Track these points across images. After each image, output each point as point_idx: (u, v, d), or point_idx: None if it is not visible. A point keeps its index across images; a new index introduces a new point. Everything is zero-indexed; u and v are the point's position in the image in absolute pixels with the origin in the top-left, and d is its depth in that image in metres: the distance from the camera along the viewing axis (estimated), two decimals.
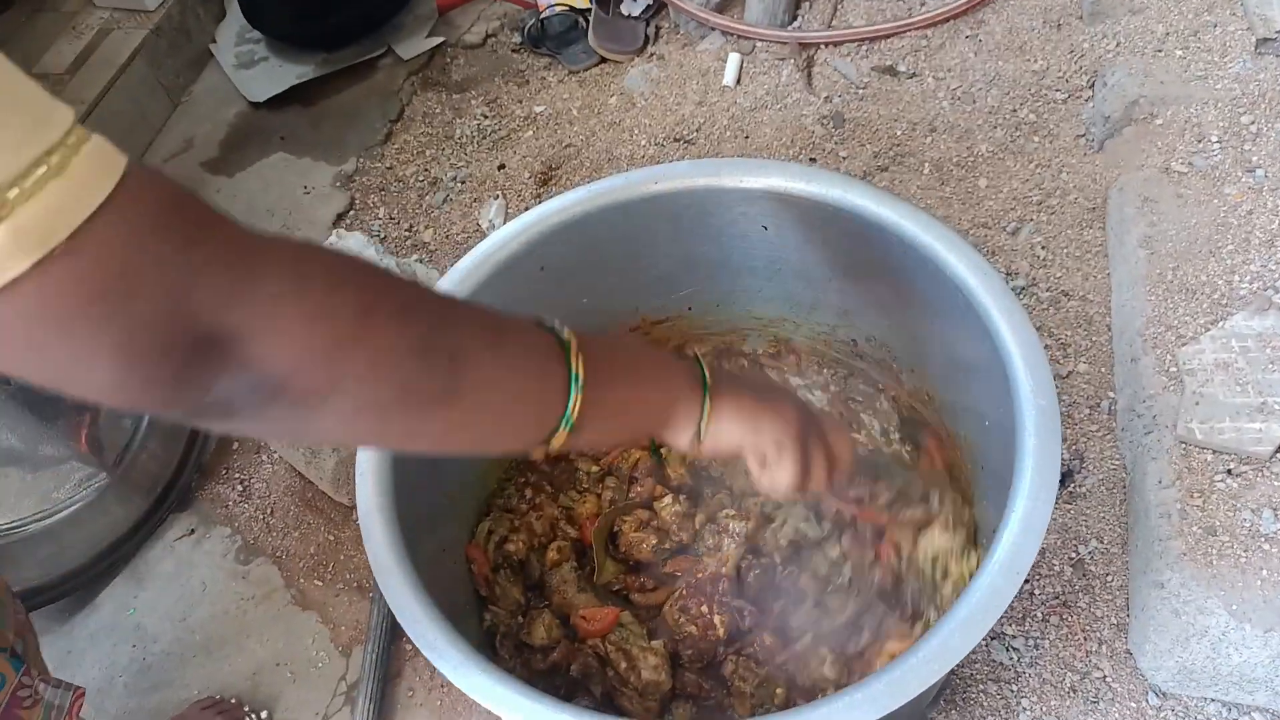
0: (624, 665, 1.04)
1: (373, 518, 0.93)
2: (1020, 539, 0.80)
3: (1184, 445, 1.27)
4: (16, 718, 1.02)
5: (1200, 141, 1.57)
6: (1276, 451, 1.23)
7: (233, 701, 1.43)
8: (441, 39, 2.47)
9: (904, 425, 1.25)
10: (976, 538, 1.04)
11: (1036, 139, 1.80)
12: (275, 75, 2.46)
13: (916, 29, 2.01)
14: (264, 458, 1.75)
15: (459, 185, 2.14)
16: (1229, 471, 1.23)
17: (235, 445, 1.78)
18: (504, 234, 1.11)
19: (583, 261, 1.18)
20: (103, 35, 2.41)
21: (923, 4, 2.07)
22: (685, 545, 1.16)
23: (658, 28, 2.28)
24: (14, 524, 1.54)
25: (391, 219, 2.12)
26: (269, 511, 1.68)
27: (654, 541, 1.14)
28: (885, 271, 1.08)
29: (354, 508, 1.63)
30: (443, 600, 0.90)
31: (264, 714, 1.44)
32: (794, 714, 0.74)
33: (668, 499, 1.18)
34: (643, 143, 2.07)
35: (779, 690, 1.02)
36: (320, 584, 1.58)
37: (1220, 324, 1.35)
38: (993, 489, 0.99)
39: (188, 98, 2.53)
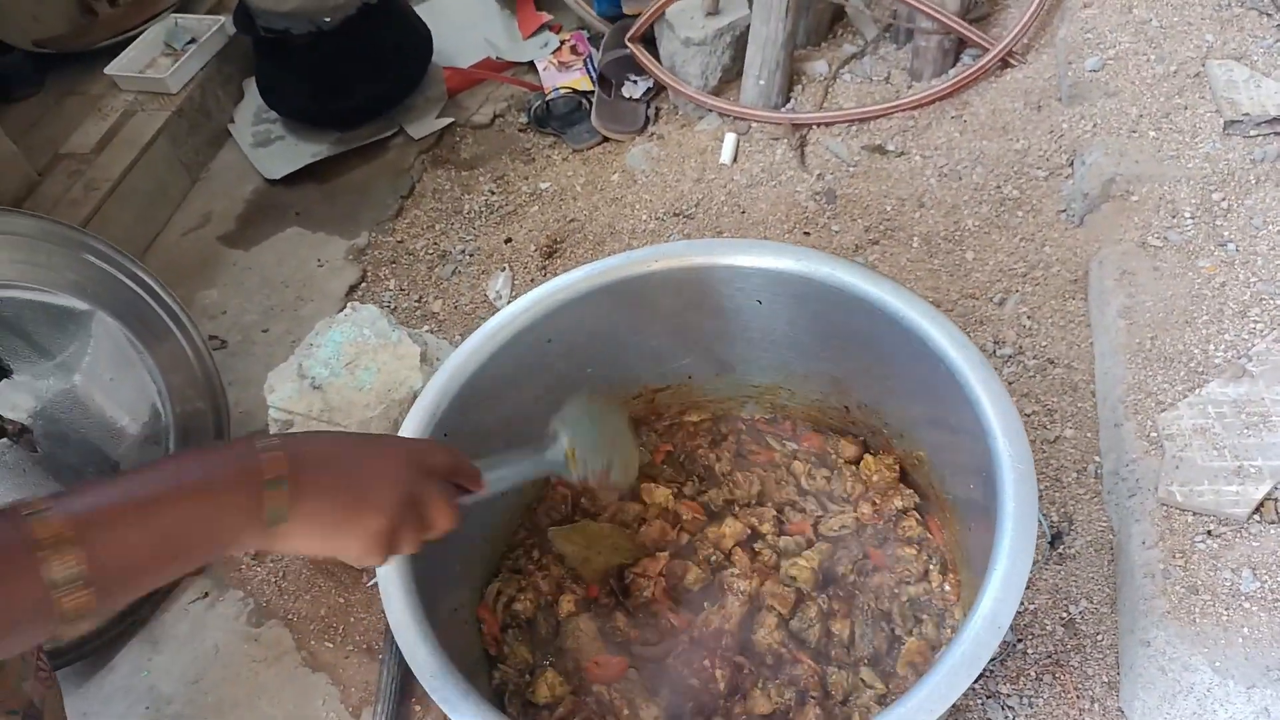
0: (626, 713, 1.08)
1: (391, 580, 0.98)
2: (1001, 594, 0.85)
3: (1165, 508, 1.32)
4: None
5: (1174, 217, 1.65)
6: (1253, 513, 1.28)
7: None
8: (451, 119, 2.58)
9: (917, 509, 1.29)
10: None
11: (1020, 214, 1.89)
12: (291, 153, 2.57)
13: (904, 110, 2.11)
14: None
15: (467, 258, 2.23)
16: (1209, 533, 1.28)
17: None
18: (513, 309, 1.19)
19: (588, 334, 1.25)
20: (127, 116, 2.53)
21: (910, 87, 2.19)
22: (691, 598, 1.21)
23: (657, 109, 2.40)
24: None
25: (402, 290, 2.20)
26: (281, 575, 1.72)
27: (661, 589, 1.19)
28: (872, 343, 1.15)
29: (364, 572, 1.68)
30: (455, 660, 0.95)
31: None
32: None
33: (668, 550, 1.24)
34: (644, 217, 2.17)
35: None
36: (331, 646, 1.61)
37: (1197, 391, 1.41)
38: (978, 548, 1.04)
39: (206, 174, 2.63)
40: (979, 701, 1.37)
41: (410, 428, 1.10)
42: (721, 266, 1.19)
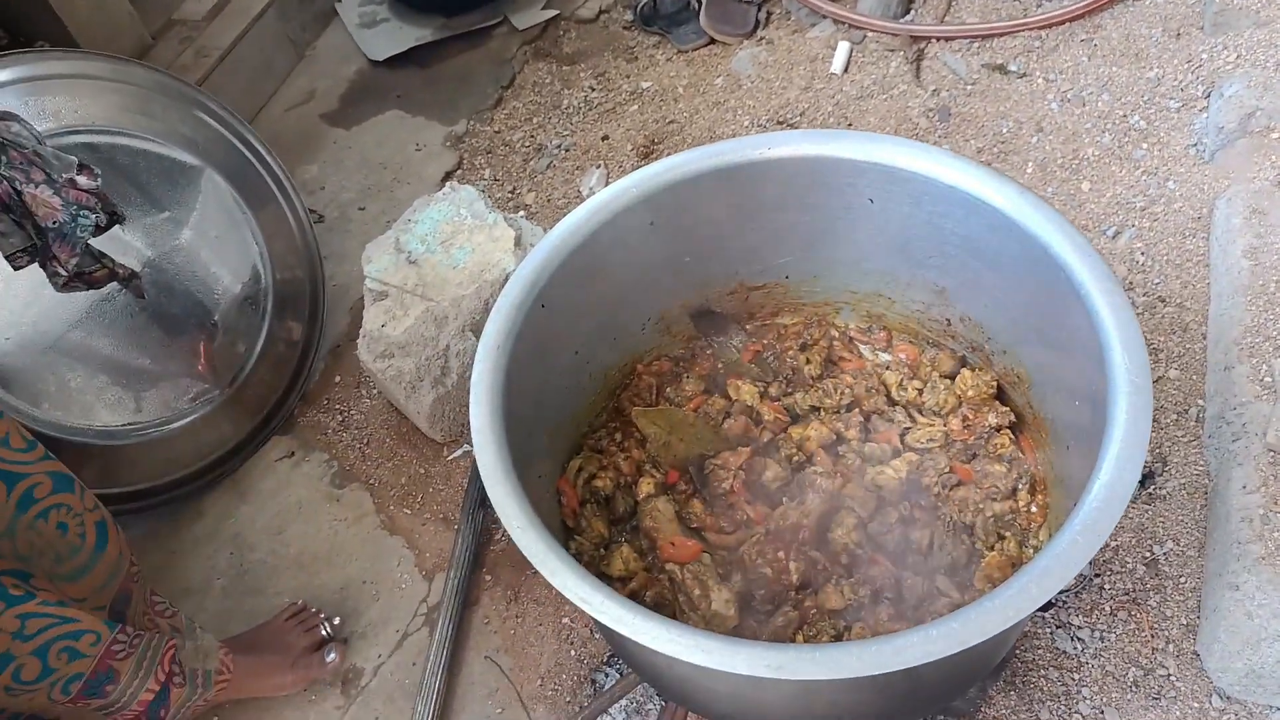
0: (696, 592, 1.09)
1: (485, 436, 0.99)
2: (1106, 500, 0.82)
3: (1272, 453, 1.27)
4: (110, 667, 1.13)
5: None
6: None
7: (314, 611, 1.52)
8: (556, 12, 2.54)
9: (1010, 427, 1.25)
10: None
11: (1145, 146, 1.79)
12: (395, 36, 2.57)
13: (1031, 29, 2.01)
14: (363, 392, 1.85)
15: (563, 153, 2.21)
16: None
17: (338, 378, 1.88)
18: (620, 186, 1.17)
19: (691, 220, 1.24)
20: None
21: (1039, 5, 2.07)
22: (769, 494, 1.21)
23: (769, 13, 2.32)
24: (134, 428, 1.65)
25: (496, 180, 2.20)
26: (365, 442, 1.78)
27: (740, 482, 1.19)
28: (988, 251, 1.11)
29: (445, 445, 1.72)
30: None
31: (336, 621, 1.52)
32: (868, 643, 0.78)
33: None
34: (745, 123, 2.12)
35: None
36: (409, 512, 1.66)
37: None
38: (1078, 467, 1.01)
39: (312, 52, 2.65)
40: (1048, 630, 1.35)
41: (509, 298, 1.11)
42: (836, 159, 1.16)
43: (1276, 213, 1.50)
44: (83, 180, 1.26)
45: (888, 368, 1.33)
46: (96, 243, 1.50)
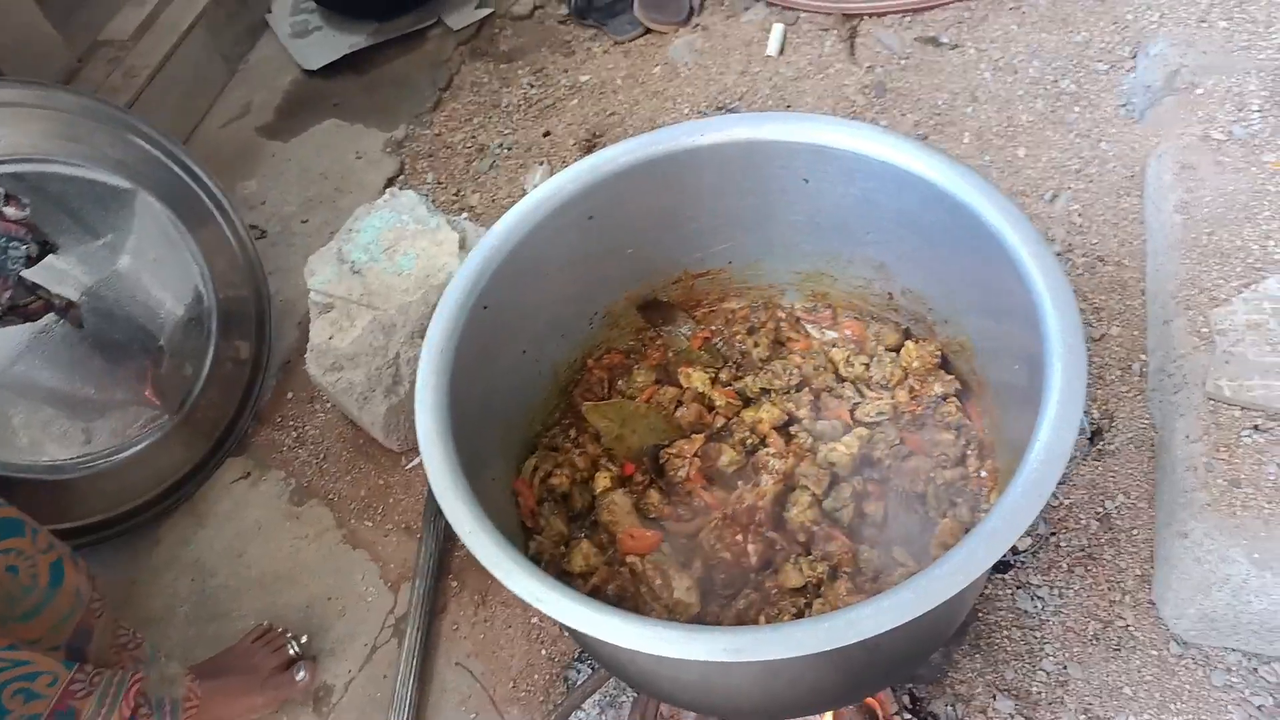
0: (658, 582, 1.09)
1: (432, 441, 0.99)
2: (1045, 461, 0.84)
3: (1212, 402, 1.30)
4: (70, 706, 1.11)
5: (1241, 110, 1.59)
6: None
7: (280, 631, 1.51)
8: (490, 10, 2.53)
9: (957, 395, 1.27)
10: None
11: (1077, 109, 1.82)
12: (329, 44, 2.54)
13: (960, 1, 2.03)
14: (317, 406, 1.83)
15: (505, 152, 2.20)
16: (1255, 427, 1.26)
17: (290, 394, 1.87)
18: (556, 182, 1.17)
19: (630, 212, 1.23)
20: (165, 4, 2.50)
21: None
22: (725, 479, 1.22)
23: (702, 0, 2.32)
24: (84, 460, 1.62)
25: (439, 184, 2.19)
26: (321, 457, 1.76)
27: (696, 469, 1.20)
28: (922, 224, 1.12)
29: (403, 454, 1.71)
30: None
31: (304, 639, 1.51)
32: (822, 619, 0.79)
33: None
34: (685, 111, 2.12)
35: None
36: (370, 525, 1.65)
37: (1254, 286, 1.37)
38: (1021, 429, 1.02)
39: (245, 65, 2.61)
40: (1009, 591, 1.38)
41: (450, 301, 1.10)
42: (769, 141, 1.16)
43: (1205, 167, 1.53)
44: (10, 211, 1.24)
45: (834, 345, 1.34)
46: (30, 274, 1.48)
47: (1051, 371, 0.90)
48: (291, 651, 1.47)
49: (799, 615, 1.10)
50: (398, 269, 1.64)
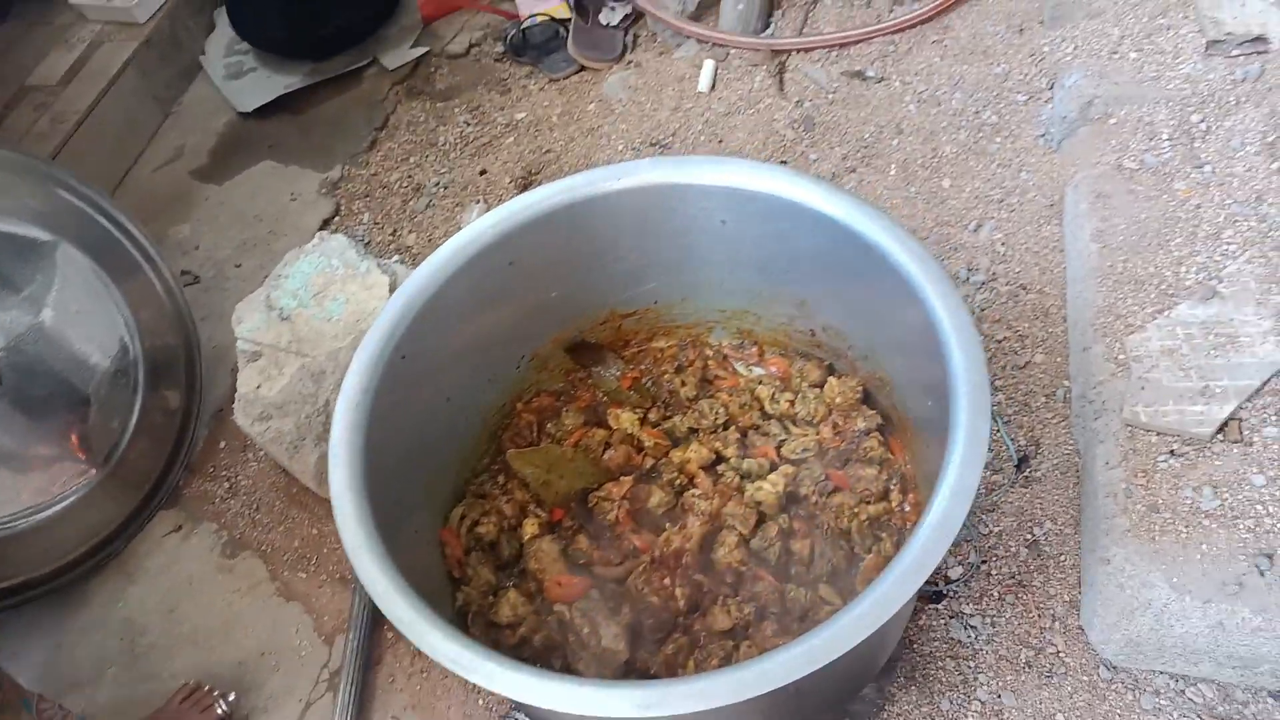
0: (586, 630, 1.09)
1: (344, 498, 0.98)
2: (951, 503, 0.85)
3: (1130, 428, 1.32)
4: None
5: (1152, 139, 1.63)
6: (1217, 433, 1.28)
7: (208, 689, 1.47)
8: (426, 49, 2.53)
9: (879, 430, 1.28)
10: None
11: (999, 139, 1.86)
12: (263, 85, 2.52)
13: (884, 35, 2.07)
14: (249, 456, 1.80)
15: (442, 190, 2.20)
16: (1172, 452, 1.28)
17: (222, 443, 1.83)
18: (475, 229, 1.17)
19: (551, 256, 1.24)
20: (94, 48, 2.47)
21: (891, 11, 2.13)
22: (655, 520, 1.22)
23: (635, 36, 2.35)
24: (6, 520, 1.58)
25: (376, 224, 2.17)
26: (254, 507, 1.73)
27: (625, 511, 1.20)
28: (836, 262, 1.14)
29: None
30: (416, 582, 0.95)
31: (231, 697, 1.47)
32: (733, 670, 0.79)
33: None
34: (620, 148, 2.13)
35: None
36: (304, 576, 1.62)
37: (1166, 313, 1.40)
38: (938, 463, 1.04)
39: (178, 108, 2.58)
40: (942, 621, 1.38)
41: (367, 349, 1.09)
42: (686, 185, 1.17)
43: (1119, 196, 1.57)
44: None
45: (760, 382, 1.35)
46: None
47: (958, 410, 0.91)
48: (219, 711, 1.43)
49: (727, 658, 1.10)
50: (327, 314, 1.63)
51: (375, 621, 1.52)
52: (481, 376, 1.30)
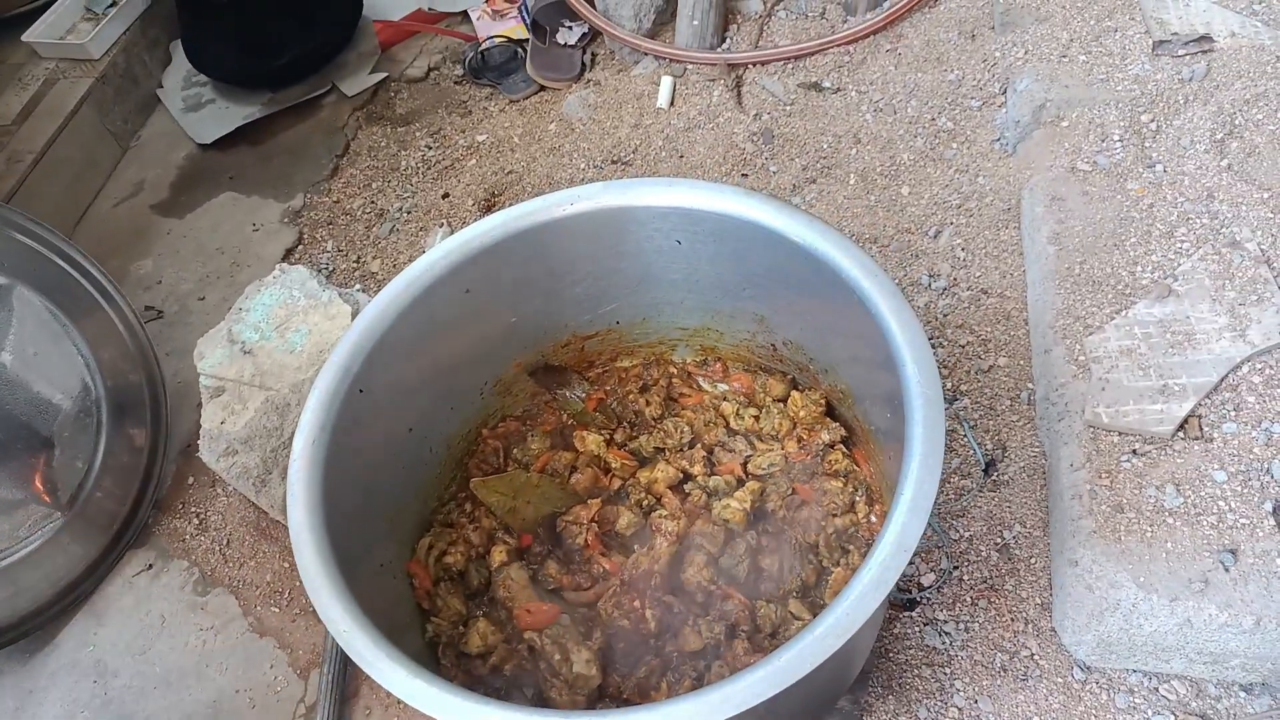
0: (557, 658, 1.08)
1: (303, 535, 0.97)
2: (909, 517, 0.85)
3: (1092, 429, 1.33)
4: None
5: (1104, 141, 1.65)
6: (1177, 431, 1.29)
7: None
8: (385, 74, 2.53)
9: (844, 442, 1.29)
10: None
11: (955, 145, 1.88)
12: (222, 117, 2.51)
13: (839, 45, 2.09)
14: (219, 490, 1.78)
15: (405, 215, 2.19)
16: (1134, 452, 1.29)
17: (191, 479, 1.81)
18: (427, 260, 1.16)
19: (507, 282, 1.23)
20: (49, 85, 2.45)
21: (844, 21, 2.16)
22: (624, 542, 1.21)
23: (593, 55, 2.35)
24: None
25: (340, 251, 2.16)
26: (225, 543, 1.71)
27: (594, 534, 1.19)
28: (790, 278, 1.14)
29: None
30: (383, 616, 0.94)
31: None
32: (697, 695, 0.79)
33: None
34: (581, 166, 2.13)
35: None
36: (277, 610, 1.61)
37: (1124, 313, 1.42)
38: (896, 476, 1.04)
39: (136, 142, 2.57)
40: (916, 629, 1.39)
41: (323, 386, 1.08)
42: (638, 207, 1.17)
43: (1073, 198, 1.59)
44: None
45: (725, 398, 1.35)
46: None
47: (913, 423, 0.92)
48: None
49: (699, 679, 1.09)
50: (290, 346, 1.61)
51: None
52: (444, 405, 1.30)
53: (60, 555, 1.66)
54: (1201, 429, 1.29)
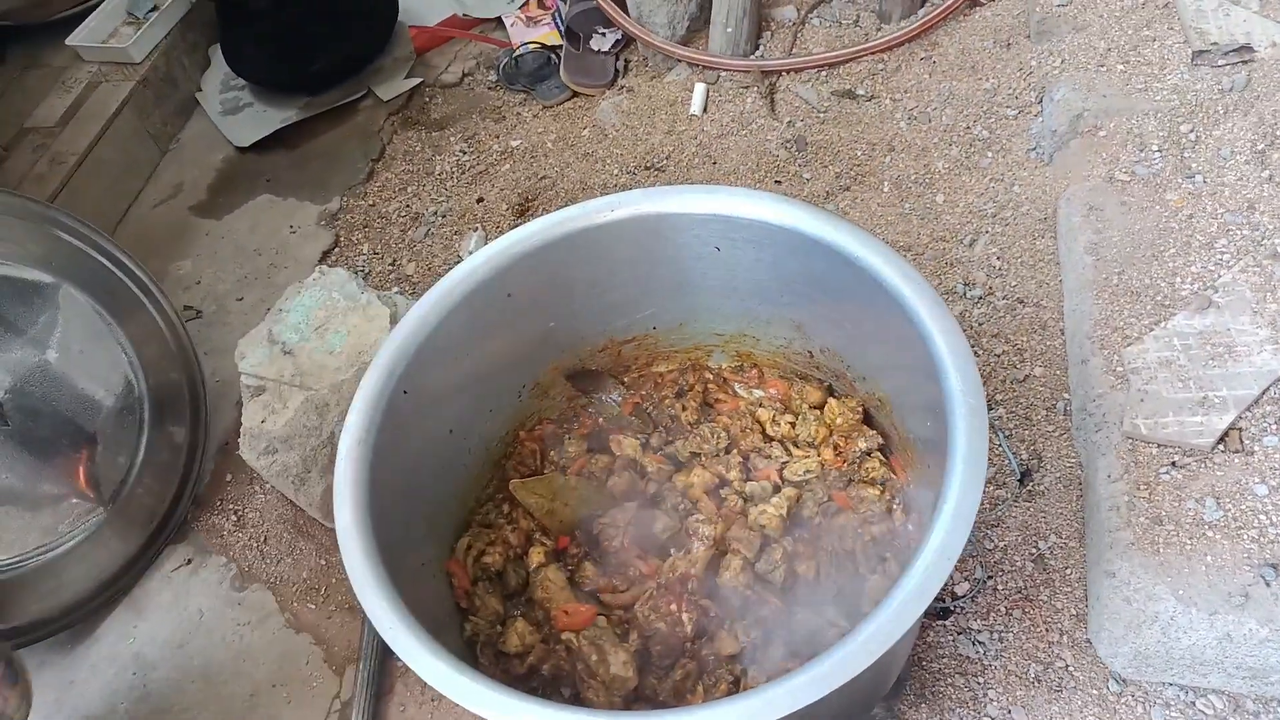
0: (594, 658, 1.09)
1: (350, 535, 0.98)
2: (952, 526, 0.85)
3: (1130, 441, 1.33)
4: None
5: (1142, 151, 1.64)
6: (1217, 443, 1.28)
7: None
8: (420, 80, 2.55)
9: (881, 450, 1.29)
10: None
11: (990, 154, 1.87)
12: (260, 120, 2.55)
13: (873, 53, 2.09)
14: (256, 488, 1.81)
15: (440, 219, 2.22)
16: (1173, 464, 1.29)
17: (229, 477, 1.84)
18: (470, 264, 1.18)
19: (547, 287, 1.25)
20: (91, 89, 2.50)
21: (879, 29, 2.16)
22: (660, 545, 1.22)
23: (626, 61, 2.37)
24: (15, 560, 1.59)
25: (375, 254, 2.19)
26: (262, 539, 1.73)
27: (630, 538, 1.20)
28: (830, 285, 1.15)
29: None
30: (424, 614, 0.96)
31: None
32: (736, 700, 0.79)
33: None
34: (615, 172, 2.15)
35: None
36: (314, 607, 1.63)
37: (1163, 324, 1.41)
38: (938, 485, 1.04)
39: (175, 145, 2.61)
40: (950, 638, 1.38)
41: (368, 386, 1.10)
42: (677, 214, 1.19)
43: (1111, 208, 1.58)
44: None
45: (761, 404, 1.36)
46: None
47: (956, 432, 0.92)
48: None
49: (735, 683, 1.10)
50: (329, 347, 1.64)
51: (386, 651, 1.52)
52: (483, 407, 1.31)
53: (101, 550, 1.69)
54: (1242, 442, 1.28)
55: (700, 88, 2.17)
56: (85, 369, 1.68)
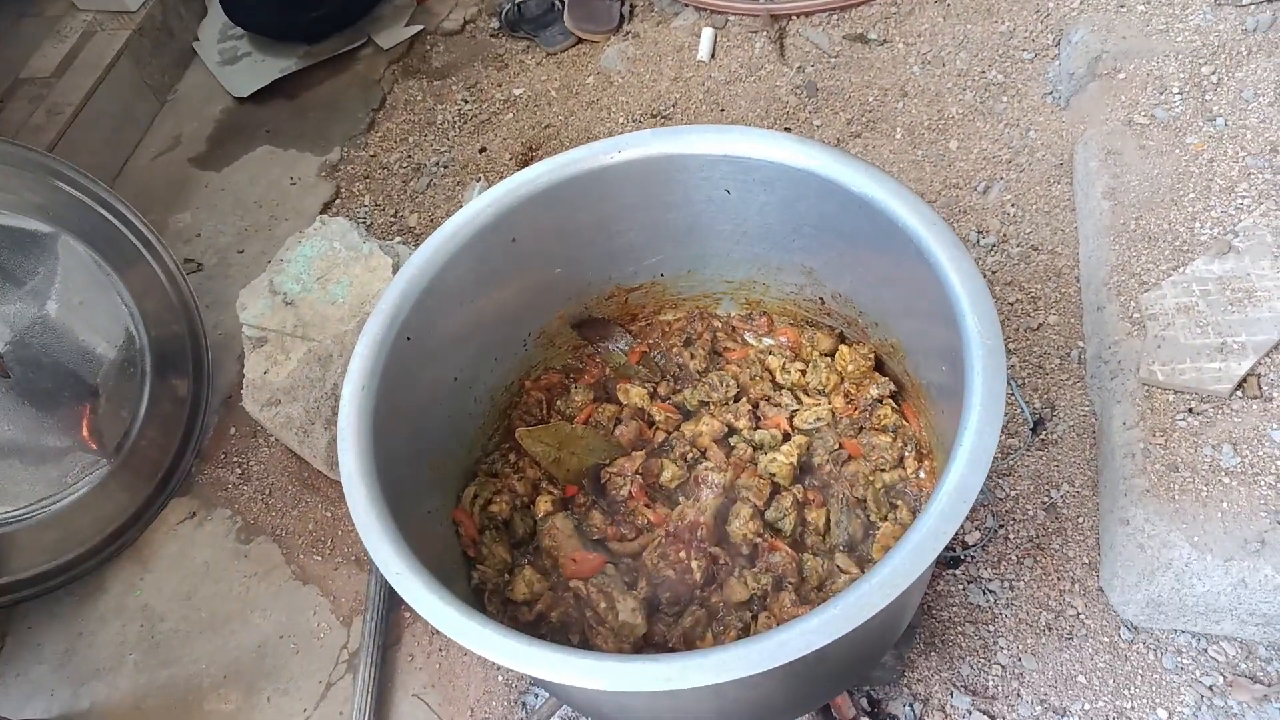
0: (603, 605, 1.08)
1: (354, 481, 0.97)
2: (968, 468, 0.83)
3: (1147, 387, 1.31)
4: None
5: (1162, 94, 1.60)
6: (1235, 389, 1.26)
7: None
8: (420, 27, 2.50)
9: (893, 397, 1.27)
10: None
11: (1005, 99, 1.83)
12: (258, 70, 2.50)
13: None
14: (260, 441, 1.80)
15: (442, 170, 2.18)
16: (1190, 410, 1.27)
17: (233, 430, 1.83)
18: (474, 207, 1.15)
19: (553, 232, 1.22)
20: (87, 38, 2.45)
21: None
22: (668, 494, 1.21)
23: (632, 6, 2.31)
24: (21, 512, 1.58)
25: (377, 205, 2.16)
26: (267, 492, 1.73)
27: (638, 486, 1.19)
28: (843, 228, 1.12)
29: None
30: (431, 562, 0.94)
31: None
32: (752, 642, 0.78)
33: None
34: (620, 120, 2.11)
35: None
36: (320, 559, 1.63)
37: (1181, 269, 1.38)
38: (952, 429, 1.02)
39: (174, 96, 2.56)
40: (960, 587, 1.38)
41: (371, 332, 1.08)
42: (686, 155, 1.15)
43: (1129, 152, 1.54)
44: None
45: (770, 352, 1.33)
46: None
47: (973, 374, 0.90)
48: None
49: (745, 629, 1.09)
50: (331, 298, 1.62)
51: (393, 602, 1.52)
52: (488, 355, 1.29)
53: (107, 502, 1.68)
54: (1260, 388, 1.26)
55: (708, 33, 2.11)
56: (86, 321, 1.66)
